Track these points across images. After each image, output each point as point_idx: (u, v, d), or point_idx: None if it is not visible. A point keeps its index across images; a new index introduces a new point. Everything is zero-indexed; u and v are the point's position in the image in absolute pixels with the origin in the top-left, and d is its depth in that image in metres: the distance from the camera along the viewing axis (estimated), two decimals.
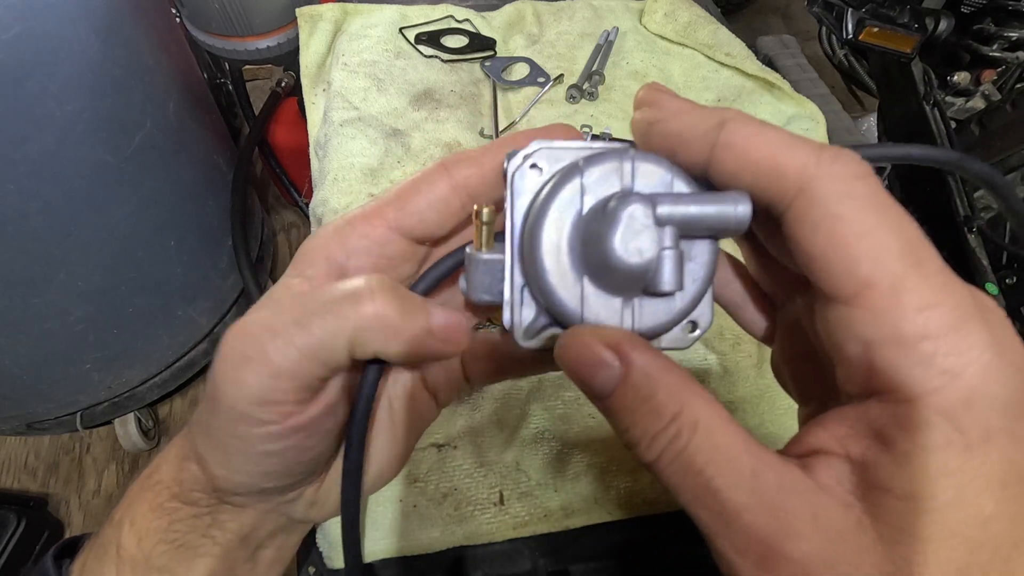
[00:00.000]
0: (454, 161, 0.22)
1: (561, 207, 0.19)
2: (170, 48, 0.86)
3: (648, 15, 0.78)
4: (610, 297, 0.20)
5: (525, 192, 0.21)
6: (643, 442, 0.17)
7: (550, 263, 0.19)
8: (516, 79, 0.72)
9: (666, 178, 0.19)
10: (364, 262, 0.22)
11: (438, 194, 0.22)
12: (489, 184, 0.22)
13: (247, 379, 0.19)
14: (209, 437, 0.21)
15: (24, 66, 0.64)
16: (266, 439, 0.20)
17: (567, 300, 0.19)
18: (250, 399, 0.19)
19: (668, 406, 0.17)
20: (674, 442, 0.17)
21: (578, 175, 0.19)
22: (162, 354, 1.01)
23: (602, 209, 0.19)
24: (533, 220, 0.20)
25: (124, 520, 0.23)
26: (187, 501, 0.22)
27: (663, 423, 0.17)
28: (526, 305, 0.21)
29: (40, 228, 0.73)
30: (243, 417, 0.19)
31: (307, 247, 0.22)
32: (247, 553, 0.24)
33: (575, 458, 0.45)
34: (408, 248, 0.23)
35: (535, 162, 0.21)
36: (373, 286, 0.20)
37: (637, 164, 0.19)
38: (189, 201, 0.94)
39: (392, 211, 0.22)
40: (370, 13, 0.74)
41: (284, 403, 0.20)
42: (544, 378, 0.49)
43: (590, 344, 0.18)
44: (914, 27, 0.85)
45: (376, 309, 0.19)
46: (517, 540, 0.43)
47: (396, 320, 0.20)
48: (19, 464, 1.10)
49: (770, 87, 0.69)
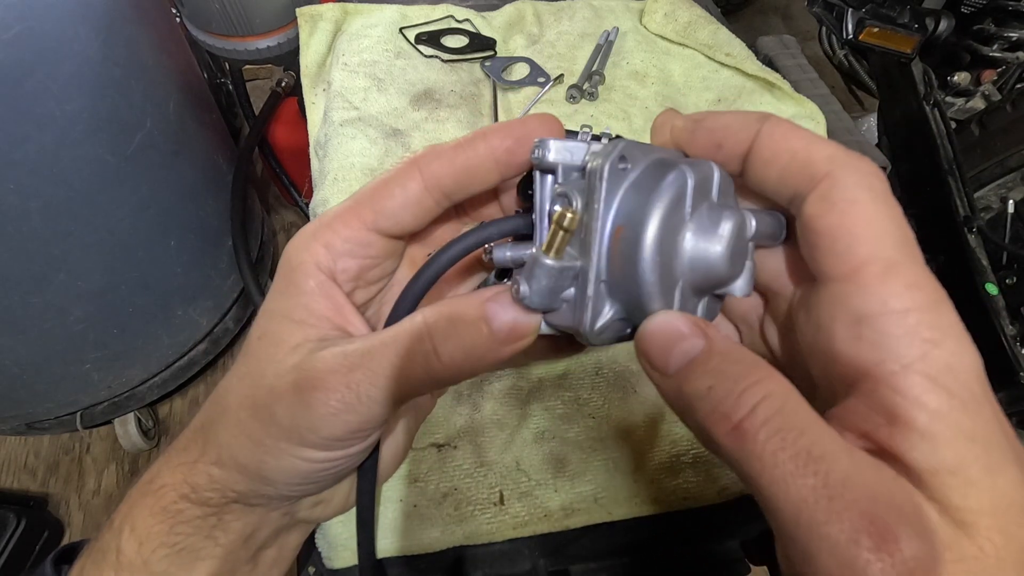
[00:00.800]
0: (426, 159, 0.22)
1: (669, 209, 0.19)
2: (170, 48, 0.86)
3: (648, 15, 0.78)
4: (693, 298, 0.21)
5: (616, 187, 0.20)
6: (728, 400, 0.16)
7: (653, 264, 0.19)
8: (516, 79, 0.72)
9: (730, 190, 0.21)
10: (350, 264, 0.23)
11: (411, 195, 0.22)
12: (463, 182, 0.22)
13: (336, 427, 0.20)
14: (264, 454, 0.22)
15: (24, 66, 0.64)
16: (329, 460, 0.22)
17: (664, 302, 0.19)
18: (332, 436, 0.21)
19: (755, 369, 0.17)
20: (767, 401, 0.16)
21: (684, 179, 0.19)
22: (162, 354, 1.01)
23: (706, 218, 0.20)
24: (636, 219, 0.19)
25: (124, 525, 0.23)
26: (197, 501, 0.22)
27: (753, 378, 0.16)
28: (600, 301, 0.20)
29: (40, 228, 0.73)
30: (319, 446, 0.21)
31: (295, 258, 0.22)
32: (249, 554, 0.25)
33: (575, 458, 0.45)
34: (388, 245, 0.23)
35: (623, 154, 0.20)
36: (432, 331, 0.20)
37: (719, 174, 0.21)
38: (189, 201, 0.94)
39: (368, 213, 0.22)
40: (370, 13, 0.74)
41: (359, 439, 0.22)
42: (544, 378, 0.49)
43: (673, 321, 0.19)
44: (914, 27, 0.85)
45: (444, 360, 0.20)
46: (517, 540, 0.43)
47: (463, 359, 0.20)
48: (19, 464, 1.10)
49: (770, 87, 0.69)
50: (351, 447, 0.22)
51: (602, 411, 0.47)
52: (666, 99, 0.70)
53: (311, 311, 0.22)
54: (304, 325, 0.22)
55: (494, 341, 0.20)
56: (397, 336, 0.21)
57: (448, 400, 0.47)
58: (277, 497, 0.23)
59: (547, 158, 0.20)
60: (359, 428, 0.21)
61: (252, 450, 0.21)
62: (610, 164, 0.19)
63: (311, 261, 0.22)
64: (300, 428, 0.20)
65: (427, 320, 0.20)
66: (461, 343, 0.20)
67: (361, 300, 0.24)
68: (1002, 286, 0.85)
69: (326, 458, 0.22)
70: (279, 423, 0.21)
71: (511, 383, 0.48)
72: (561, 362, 0.49)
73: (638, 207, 0.19)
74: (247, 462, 0.22)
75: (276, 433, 0.21)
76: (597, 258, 0.20)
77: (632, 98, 0.70)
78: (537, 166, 0.21)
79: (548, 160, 0.20)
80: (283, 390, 0.21)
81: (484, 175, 0.22)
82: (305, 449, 0.21)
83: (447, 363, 0.20)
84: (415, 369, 0.20)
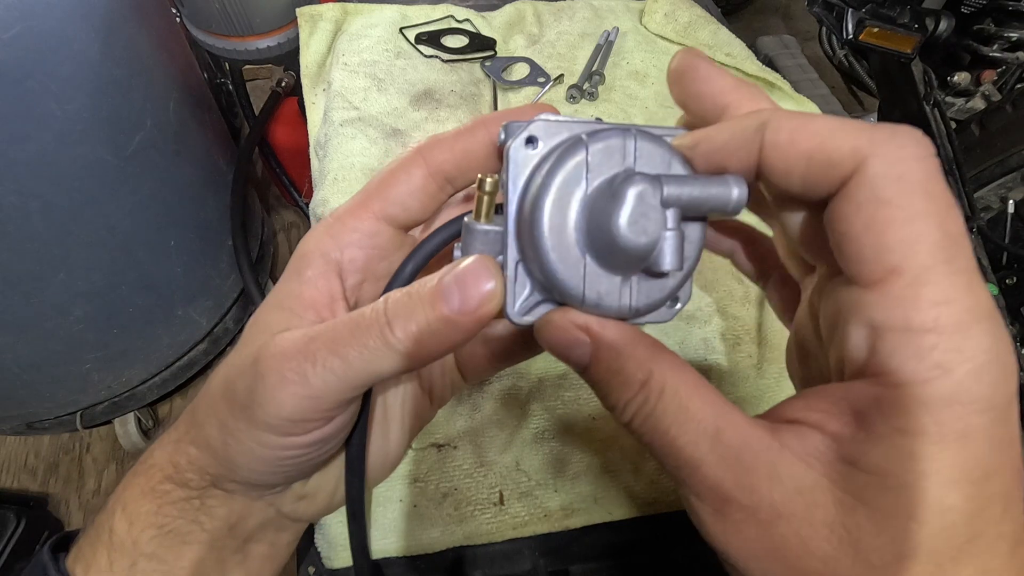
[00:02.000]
0: (429, 146, 0.23)
1: (564, 183, 0.19)
2: (170, 48, 0.86)
3: (648, 15, 0.78)
4: (611, 275, 0.20)
5: (522, 166, 0.20)
6: (617, 407, 0.19)
7: (552, 240, 0.19)
8: (516, 79, 0.72)
9: (666, 158, 0.19)
10: (357, 255, 0.23)
11: (416, 182, 0.23)
12: (463, 167, 0.23)
13: (285, 400, 0.20)
14: (227, 436, 0.21)
15: (24, 66, 0.64)
16: (288, 447, 0.21)
17: (569, 278, 0.19)
18: (284, 416, 0.20)
19: (636, 375, 0.19)
20: (643, 406, 0.19)
21: (582, 151, 0.19)
22: (162, 354, 1.01)
23: (608, 187, 0.18)
24: (535, 195, 0.19)
25: (116, 505, 0.23)
26: (180, 483, 0.23)
27: (633, 391, 0.19)
28: (520, 282, 0.21)
29: (40, 228, 0.73)
30: (272, 429, 0.20)
31: (303, 248, 0.23)
32: (236, 544, 0.24)
33: (575, 458, 0.45)
34: (396, 236, 0.24)
35: (532, 134, 0.20)
36: (388, 306, 0.20)
37: (639, 143, 0.19)
38: (189, 201, 0.94)
39: (376, 202, 0.23)
40: (370, 13, 0.74)
41: (315, 420, 0.21)
42: (544, 378, 0.49)
43: (562, 326, 0.20)
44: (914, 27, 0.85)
45: (399, 334, 0.20)
46: (517, 540, 0.43)
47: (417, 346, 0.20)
48: (19, 464, 1.10)
49: (770, 87, 0.69)
50: (308, 431, 0.21)
51: (602, 411, 0.47)
52: (666, 99, 0.70)
53: (301, 299, 0.22)
54: (290, 313, 0.22)
55: (450, 311, 0.19)
56: (359, 313, 0.20)
57: None
58: (247, 484, 0.23)
59: (504, 140, 0.21)
60: (312, 406, 0.20)
61: (219, 431, 0.21)
62: (515, 143, 0.20)
63: (317, 251, 0.23)
64: (255, 404, 0.20)
65: (388, 297, 0.20)
66: (413, 315, 0.19)
67: (371, 294, 0.24)
68: (1002, 286, 0.85)
69: (284, 445, 0.21)
70: (239, 400, 0.21)
71: (511, 383, 0.48)
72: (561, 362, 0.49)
73: (539, 185, 0.19)
74: (216, 444, 0.22)
75: (237, 413, 0.21)
76: (510, 238, 0.20)
77: (632, 98, 0.70)
78: (501, 147, 0.21)
79: (504, 141, 0.21)
80: (246, 367, 0.21)
81: (483, 160, 0.23)
82: (261, 432, 0.20)
83: (402, 336, 0.19)
84: (372, 342, 0.19)
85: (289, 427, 0.20)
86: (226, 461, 0.22)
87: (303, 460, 0.22)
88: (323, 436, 0.21)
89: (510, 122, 0.21)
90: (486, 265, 0.19)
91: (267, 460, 0.21)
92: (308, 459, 0.22)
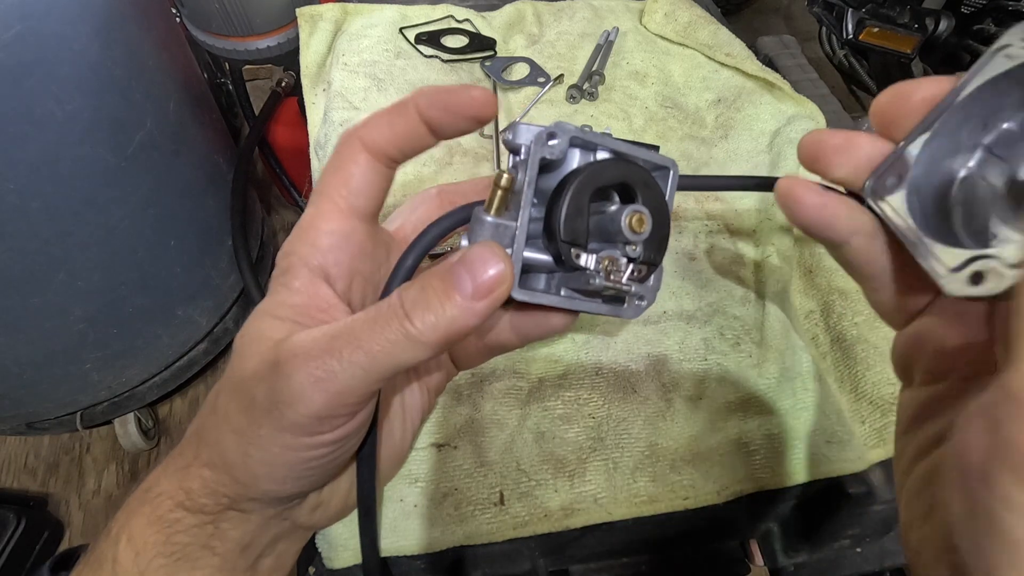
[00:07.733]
0: (366, 130, 0.23)
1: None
2: (170, 48, 0.86)
3: (648, 15, 0.78)
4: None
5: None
6: None
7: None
8: (516, 79, 0.72)
9: None
10: (342, 258, 0.23)
11: (364, 168, 0.23)
12: (401, 146, 0.23)
13: (315, 396, 0.20)
14: (248, 445, 0.21)
15: (24, 66, 0.64)
16: (313, 447, 0.21)
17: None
18: (313, 413, 0.20)
19: None
20: None
21: None
22: (162, 354, 1.01)
23: None
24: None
25: (121, 534, 0.23)
26: (192, 509, 0.22)
27: None
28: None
29: (40, 228, 0.73)
30: (300, 428, 0.21)
31: (284, 261, 0.23)
32: (247, 563, 0.24)
33: (575, 458, 0.45)
34: (370, 229, 0.24)
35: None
36: (404, 298, 0.21)
37: None
38: (189, 201, 0.94)
39: (340, 200, 0.23)
40: (370, 13, 0.74)
41: (340, 416, 0.21)
42: (544, 378, 0.49)
43: None
44: (914, 27, 0.85)
45: (418, 325, 0.20)
46: (517, 540, 0.43)
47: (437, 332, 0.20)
48: (19, 464, 1.10)
49: (770, 87, 0.69)
50: (335, 428, 0.21)
51: (602, 411, 0.47)
52: (666, 99, 0.70)
53: (296, 308, 0.22)
54: (290, 322, 0.22)
55: (463, 298, 0.20)
56: (375, 309, 0.21)
57: (448, 400, 0.47)
58: (267, 500, 0.23)
59: (514, 140, 0.24)
60: (339, 400, 0.20)
61: (237, 442, 0.21)
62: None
63: (299, 262, 0.23)
64: (280, 404, 0.20)
65: (401, 291, 0.21)
66: (429, 305, 0.20)
67: (362, 294, 0.24)
68: None
69: (310, 444, 0.21)
70: (259, 405, 0.21)
71: (511, 383, 0.48)
72: (561, 362, 0.49)
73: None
74: (234, 458, 0.21)
75: (258, 418, 0.21)
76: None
77: (632, 98, 0.70)
78: (507, 147, 0.24)
79: (514, 142, 0.24)
80: (264, 372, 0.21)
81: (420, 139, 0.23)
82: (286, 435, 0.21)
83: (422, 326, 0.20)
84: (392, 335, 0.20)
85: (316, 425, 0.21)
86: (246, 476, 0.22)
87: (326, 461, 0.22)
88: (346, 432, 0.22)
89: (518, 124, 0.24)
90: (493, 250, 0.21)
91: (291, 464, 0.22)
92: (331, 459, 0.23)
